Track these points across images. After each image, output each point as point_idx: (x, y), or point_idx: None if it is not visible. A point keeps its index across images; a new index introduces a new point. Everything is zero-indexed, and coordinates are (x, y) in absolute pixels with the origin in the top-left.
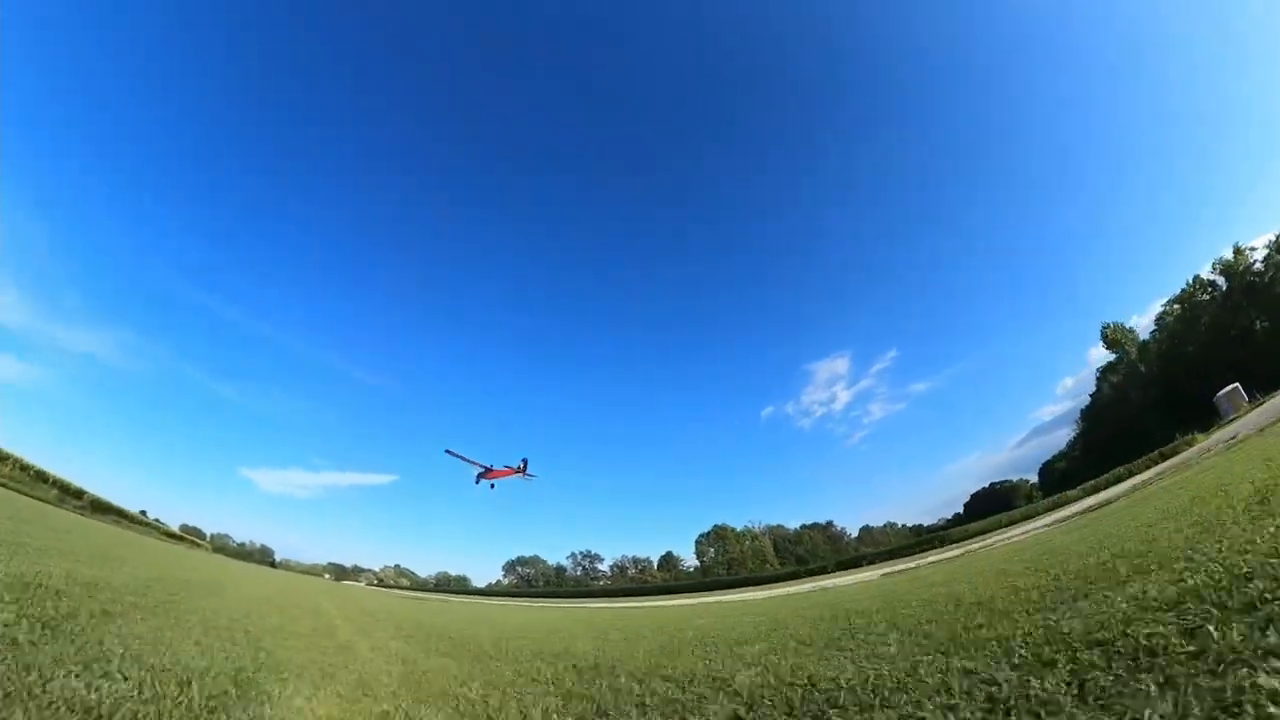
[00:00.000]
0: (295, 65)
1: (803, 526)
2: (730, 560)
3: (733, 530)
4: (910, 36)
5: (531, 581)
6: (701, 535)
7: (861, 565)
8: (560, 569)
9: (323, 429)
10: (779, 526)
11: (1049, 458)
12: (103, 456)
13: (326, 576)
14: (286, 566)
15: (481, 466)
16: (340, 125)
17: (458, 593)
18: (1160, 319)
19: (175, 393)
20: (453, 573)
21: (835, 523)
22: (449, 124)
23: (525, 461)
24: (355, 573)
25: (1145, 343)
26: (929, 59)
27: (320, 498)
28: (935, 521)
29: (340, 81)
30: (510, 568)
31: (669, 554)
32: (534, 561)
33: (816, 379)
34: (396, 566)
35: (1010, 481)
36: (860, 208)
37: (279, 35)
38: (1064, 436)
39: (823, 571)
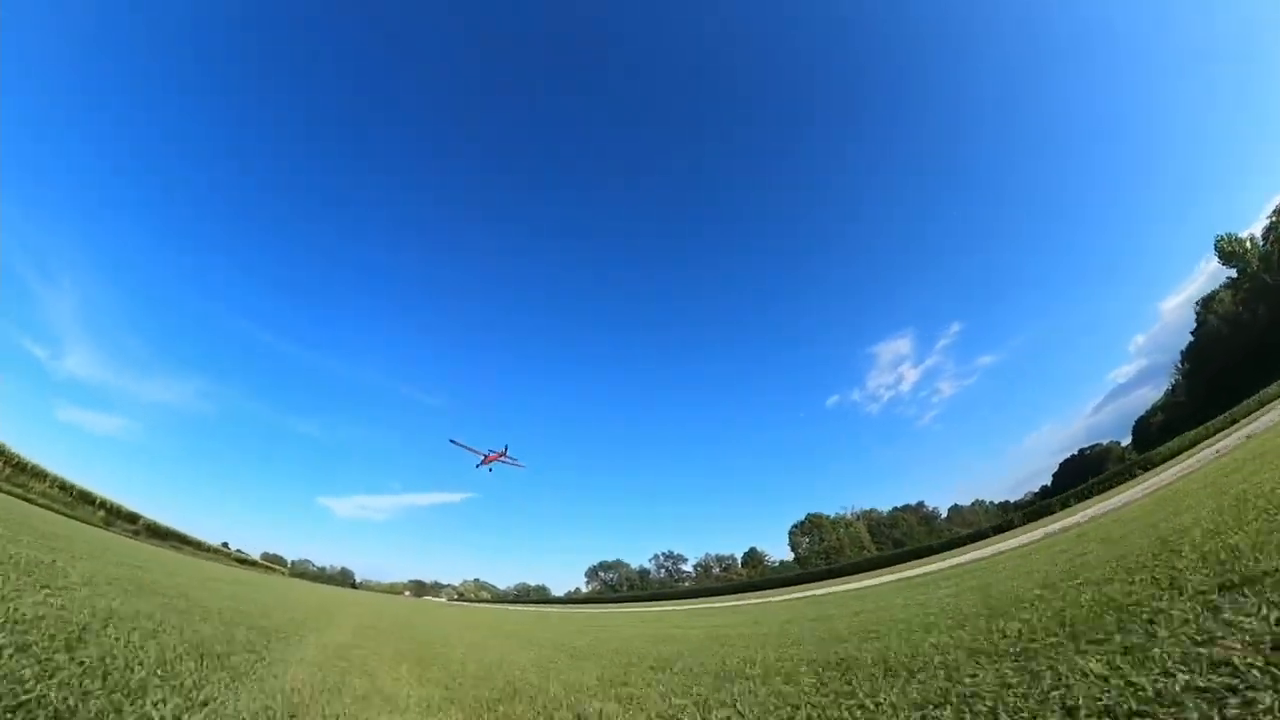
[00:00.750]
0: (326, 96)
1: (895, 509)
2: (828, 549)
3: (827, 518)
4: None
5: (615, 586)
6: (794, 525)
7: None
8: (644, 572)
9: (394, 453)
10: (872, 510)
11: (1142, 413)
12: (184, 494)
13: (406, 594)
14: (367, 586)
15: (480, 454)
16: (371, 151)
17: (538, 602)
18: (1271, 230)
19: (250, 430)
20: (532, 583)
21: (926, 503)
22: (480, 139)
23: (506, 447)
24: (435, 588)
25: (1267, 252)
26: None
27: (398, 519)
28: (1022, 496)
29: (378, 109)
30: (593, 573)
31: (753, 550)
32: (616, 566)
33: (880, 362)
34: (476, 580)
35: (1100, 445)
36: (900, 179)
37: (306, 68)
38: (1144, 396)
39: (915, 556)
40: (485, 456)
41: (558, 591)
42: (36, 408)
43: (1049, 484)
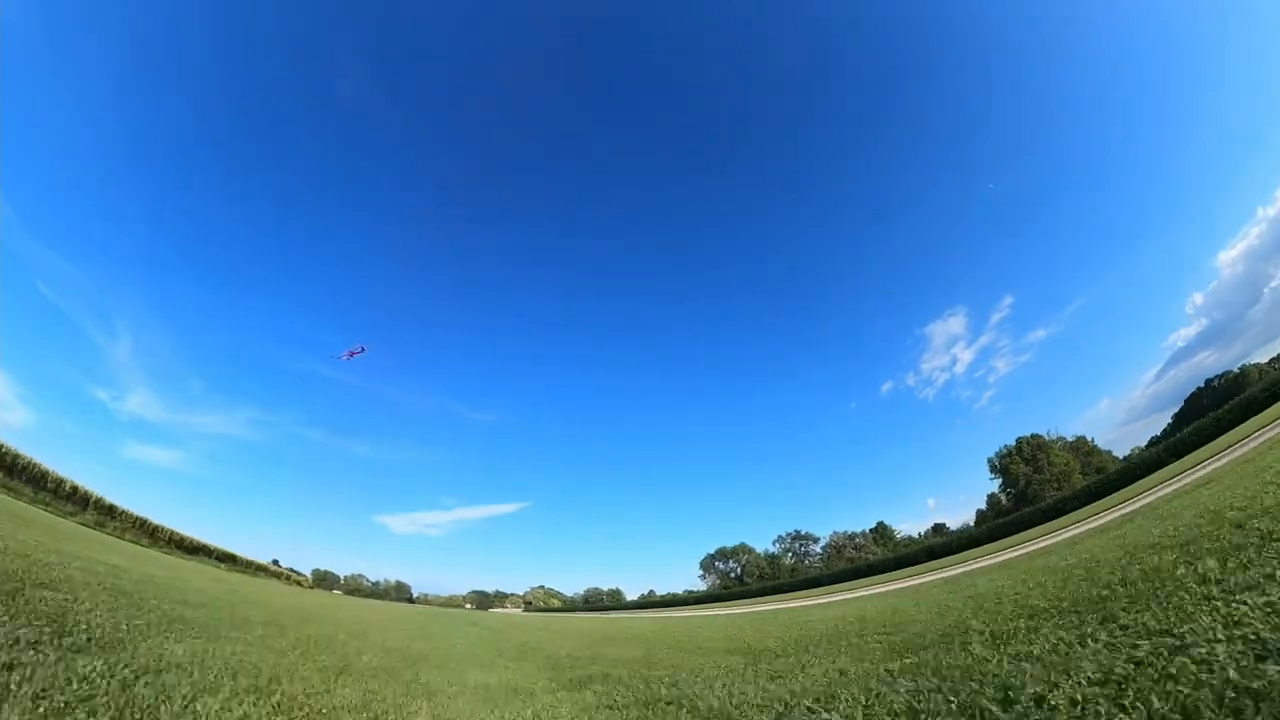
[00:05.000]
0: (357, 126)
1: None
2: (1059, 476)
3: (1045, 439)
4: None
5: (741, 578)
6: (1003, 452)
7: None
8: (772, 557)
9: (446, 469)
10: (1059, 438)
11: None
12: (243, 519)
13: (468, 606)
14: (424, 601)
15: (348, 352)
16: (406, 173)
17: (614, 608)
18: None
19: (306, 456)
20: (604, 587)
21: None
22: (514, 151)
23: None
24: (499, 599)
25: None
26: None
27: (454, 533)
28: (1129, 452)
29: (408, 133)
30: (709, 565)
31: (880, 525)
32: (739, 552)
33: (934, 343)
34: (542, 587)
35: (1231, 373)
36: (937, 152)
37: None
38: (1209, 358)
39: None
40: (350, 352)
41: (631, 594)
42: (104, 448)
43: (1165, 428)
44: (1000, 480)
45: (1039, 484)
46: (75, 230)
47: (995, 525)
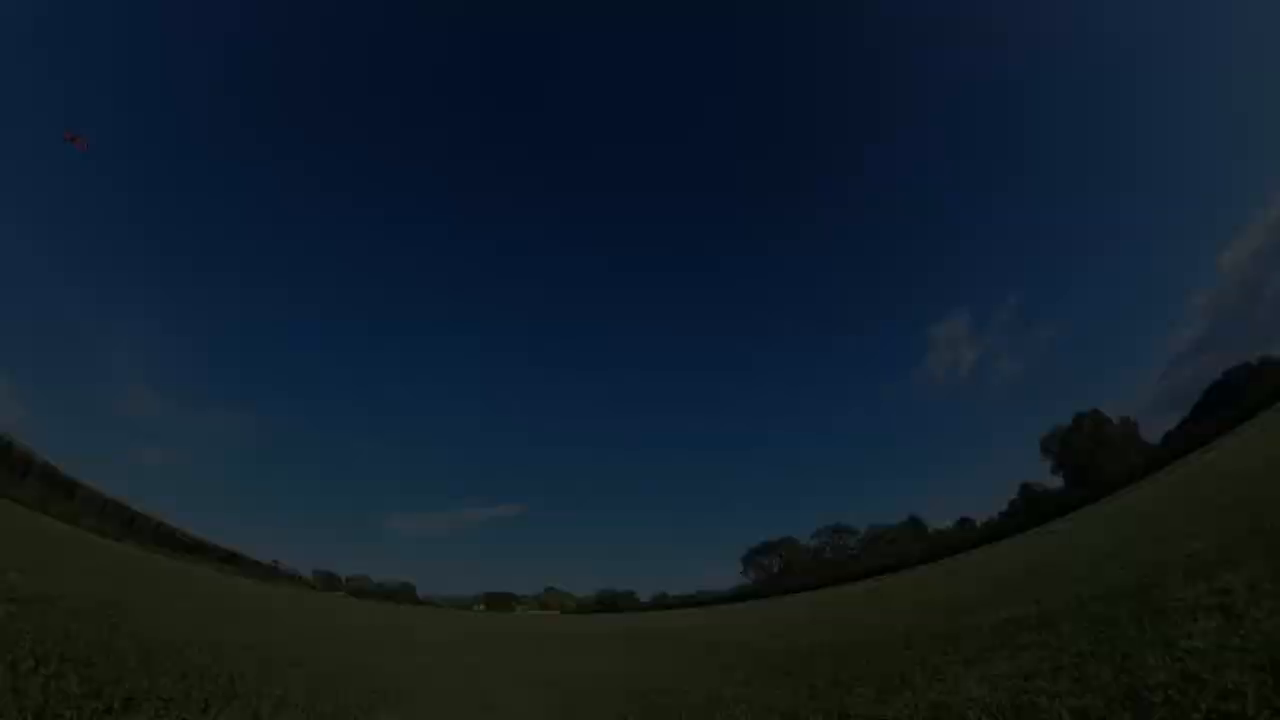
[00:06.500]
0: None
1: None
2: (1119, 453)
3: (1105, 416)
4: None
5: (785, 573)
6: (1058, 431)
7: None
8: (817, 550)
9: (447, 469)
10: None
11: None
12: (241, 519)
13: (480, 608)
14: (430, 601)
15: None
16: (407, 174)
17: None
18: None
19: (304, 456)
20: (618, 589)
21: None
22: (524, 164)
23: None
24: (508, 599)
25: None
26: None
27: (455, 533)
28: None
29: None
30: (750, 560)
31: (913, 518)
32: (783, 546)
33: (938, 344)
34: (554, 589)
35: (1249, 364)
36: (940, 151)
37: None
38: (1211, 358)
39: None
40: (74, 137)
41: (644, 596)
42: (103, 448)
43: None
44: (1052, 462)
45: (1102, 458)
46: (75, 230)
47: (1080, 496)
